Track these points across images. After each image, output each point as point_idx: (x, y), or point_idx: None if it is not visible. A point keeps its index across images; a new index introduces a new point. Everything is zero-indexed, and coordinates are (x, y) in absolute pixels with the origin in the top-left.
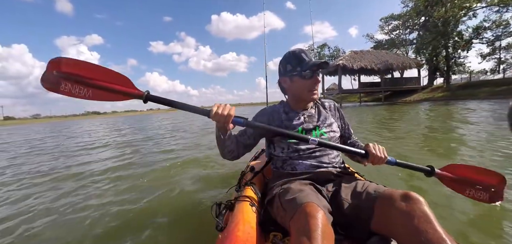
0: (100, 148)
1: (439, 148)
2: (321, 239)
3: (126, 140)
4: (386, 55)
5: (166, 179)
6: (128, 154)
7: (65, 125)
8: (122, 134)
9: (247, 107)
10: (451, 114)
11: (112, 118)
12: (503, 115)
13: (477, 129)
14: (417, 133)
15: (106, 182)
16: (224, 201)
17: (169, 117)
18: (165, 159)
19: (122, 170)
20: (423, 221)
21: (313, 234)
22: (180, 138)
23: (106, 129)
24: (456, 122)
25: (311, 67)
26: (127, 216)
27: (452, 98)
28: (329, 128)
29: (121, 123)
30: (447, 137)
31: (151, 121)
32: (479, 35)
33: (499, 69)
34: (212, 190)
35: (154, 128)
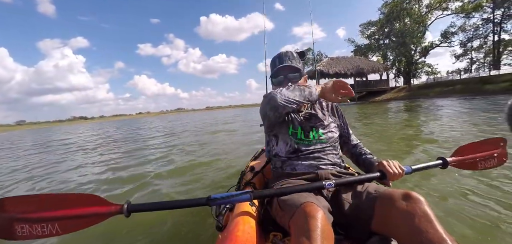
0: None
1: (391, 132)
2: (321, 239)
3: (124, 146)
4: (358, 60)
5: (166, 179)
6: (127, 155)
7: (49, 133)
8: (115, 141)
9: (238, 109)
10: (402, 109)
11: (99, 123)
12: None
13: (416, 118)
14: (377, 122)
15: (105, 183)
16: None
17: (157, 119)
18: (165, 159)
19: (121, 171)
20: (424, 220)
21: (312, 234)
22: (177, 140)
23: (96, 137)
24: (402, 113)
25: (277, 72)
26: (126, 218)
27: (411, 97)
28: (327, 129)
29: (112, 129)
30: (399, 125)
31: (142, 124)
32: (447, 39)
33: (472, 68)
34: (212, 190)
35: (148, 131)
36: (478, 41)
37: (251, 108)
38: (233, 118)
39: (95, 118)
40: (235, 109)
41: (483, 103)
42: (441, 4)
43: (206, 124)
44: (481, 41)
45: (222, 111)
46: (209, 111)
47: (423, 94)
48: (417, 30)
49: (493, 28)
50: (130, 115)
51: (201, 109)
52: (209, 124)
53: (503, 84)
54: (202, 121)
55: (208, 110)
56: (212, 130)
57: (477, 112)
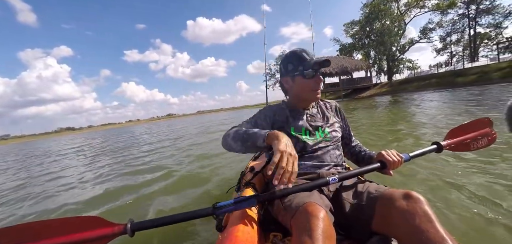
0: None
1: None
2: (323, 239)
3: (122, 154)
4: (342, 60)
5: (166, 180)
6: (126, 160)
7: (37, 146)
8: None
9: (229, 111)
10: (385, 103)
11: (88, 133)
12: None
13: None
14: (363, 115)
15: (105, 182)
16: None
17: (151, 126)
18: (165, 160)
19: (121, 173)
20: (424, 220)
21: (314, 234)
22: (174, 144)
23: (88, 148)
24: (385, 107)
25: (313, 66)
26: (126, 217)
27: (392, 92)
28: (332, 128)
29: (98, 140)
30: (382, 117)
31: (134, 132)
32: (426, 35)
33: (452, 61)
34: (212, 190)
35: (143, 138)
36: (456, 36)
37: (242, 110)
38: (227, 120)
39: (83, 129)
40: (226, 112)
41: (454, 94)
42: (418, 3)
43: (203, 128)
44: (458, 35)
45: (214, 114)
46: (200, 115)
47: (403, 89)
48: (395, 30)
49: (469, 23)
50: (120, 124)
51: (192, 114)
52: (205, 128)
53: (471, 77)
54: (197, 126)
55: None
56: (211, 131)
57: (447, 102)
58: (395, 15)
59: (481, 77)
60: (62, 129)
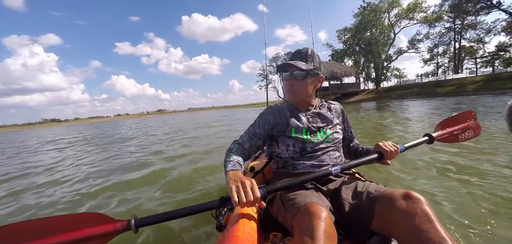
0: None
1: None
2: (324, 239)
3: (116, 146)
4: (333, 65)
5: (166, 180)
6: (124, 157)
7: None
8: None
9: (221, 110)
10: (370, 108)
11: (74, 126)
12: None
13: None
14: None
15: (104, 183)
16: None
17: (139, 121)
18: (164, 161)
19: (120, 173)
20: (424, 220)
21: (316, 234)
22: (173, 140)
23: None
24: (370, 111)
25: (279, 69)
26: (128, 217)
27: (378, 98)
28: (333, 129)
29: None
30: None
31: (122, 127)
32: (414, 46)
33: (438, 72)
34: (212, 190)
35: (138, 132)
36: (442, 47)
37: (234, 109)
38: (221, 118)
39: (70, 120)
40: (218, 110)
41: (430, 102)
42: (407, 14)
43: (199, 125)
44: (444, 47)
45: (206, 112)
46: (192, 113)
47: (387, 96)
48: (383, 40)
49: (454, 36)
50: (108, 117)
51: (183, 111)
52: (202, 125)
53: (449, 88)
54: (190, 123)
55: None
56: (210, 129)
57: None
58: (383, 26)
59: (458, 88)
60: (47, 120)
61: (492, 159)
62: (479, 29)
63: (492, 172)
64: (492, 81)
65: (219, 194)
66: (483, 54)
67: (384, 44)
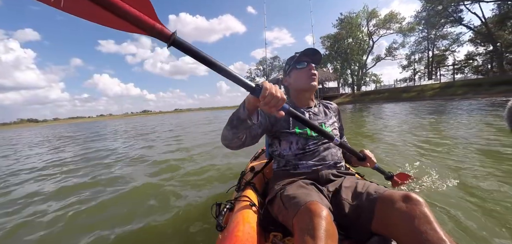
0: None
1: None
2: (325, 238)
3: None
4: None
5: (166, 180)
6: (125, 157)
7: None
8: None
9: (208, 111)
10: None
11: (53, 126)
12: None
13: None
14: None
15: (105, 184)
16: (224, 201)
17: (126, 122)
18: (164, 161)
19: (120, 171)
20: (423, 222)
21: (317, 233)
22: (175, 139)
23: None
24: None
25: (301, 57)
26: (128, 217)
27: (353, 102)
28: (332, 126)
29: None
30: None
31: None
32: (391, 53)
33: (415, 77)
34: (212, 190)
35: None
36: (418, 55)
37: (222, 110)
38: (212, 119)
39: (48, 121)
40: (205, 112)
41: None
42: (384, 25)
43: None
44: (420, 55)
45: (193, 113)
46: (178, 114)
47: (361, 100)
48: (358, 49)
49: (428, 45)
50: (90, 118)
51: (169, 112)
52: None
53: (412, 93)
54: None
55: (177, 112)
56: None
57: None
58: (359, 37)
59: (418, 94)
60: (23, 120)
61: (492, 161)
62: (449, 39)
63: (492, 173)
64: (447, 88)
65: (217, 196)
66: (454, 62)
67: (359, 53)
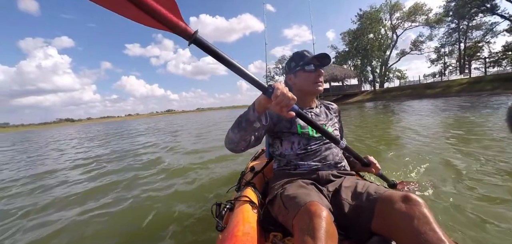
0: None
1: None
2: (325, 238)
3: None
4: (333, 68)
5: (166, 181)
6: (127, 157)
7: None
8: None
9: (228, 110)
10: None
11: (88, 125)
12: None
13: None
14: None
15: (105, 185)
16: (224, 202)
17: (150, 121)
18: (165, 161)
19: (121, 173)
20: (423, 222)
21: (317, 233)
22: (177, 140)
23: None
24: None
25: (312, 60)
26: (128, 217)
27: (374, 99)
28: (333, 127)
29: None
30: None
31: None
32: (417, 47)
33: (445, 72)
34: (212, 190)
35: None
36: (449, 48)
37: (243, 109)
38: (231, 117)
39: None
40: (225, 111)
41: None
42: (409, 17)
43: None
44: (450, 48)
45: (215, 112)
46: (200, 113)
47: (383, 97)
48: (379, 45)
49: (459, 37)
50: (119, 117)
51: (192, 111)
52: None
53: (437, 90)
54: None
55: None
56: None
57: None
58: (380, 33)
59: (444, 90)
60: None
61: (492, 160)
62: (483, 29)
63: (492, 173)
64: (476, 83)
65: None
66: (490, 54)
67: (381, 48)
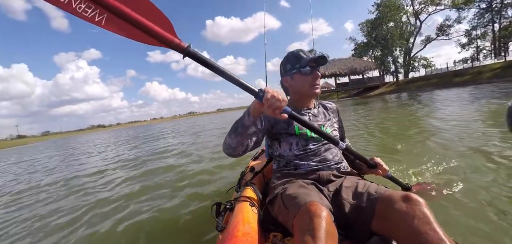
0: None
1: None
2: (325, 238)
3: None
4: (352, 61)
5: (166, 181)
6: (133, 161)
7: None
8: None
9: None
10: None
11: (118, 130)
12: None
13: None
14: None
15: (105, 187)
16: (224, 202)
17: (171, 124)
18: (165, 161)
19: (122, 174)
20: (423, 222)
21: (317, 233)
22: (182, 142)
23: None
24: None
25: (309, 62)
26: (128, 218)
27: (397, 91)
28: (332, 128)
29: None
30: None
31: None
32: (443, 32)
33: (478, 56)
34: (212, 190)
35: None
36: (481, 30)
37: None
38: None
39: (113, 126)
40: (244, 110)
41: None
42: (433, 1)
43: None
44: (482, 30)
45: (234, 112)
46: (220, 113)
47: (407, 88)
48: (400, 33)
49: (492, 17)
50: (145, 121)
51: (212, 112)
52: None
53: (466, 77)
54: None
55: (219, 112)
56: None
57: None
58: (401, 20)
59: (474, 77)
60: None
61: (494, 160)
62: None
63: (492, 174)
64: (510, 67)
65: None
66: None
67: (403, 36)
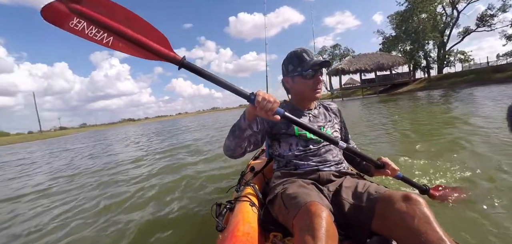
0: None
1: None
2: (325, 238)
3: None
4: (379, 56)
5: (167, 181)
6: (130, 158)
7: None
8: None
9: None
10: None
11: (148, 124)
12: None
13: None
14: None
15: (107, 186)
16: (224, 202)
17: (196, 119)
18: (166, 161)
19: (122, 174)
20: (423, 222)
21: (317, 233)
22: (186, 138)
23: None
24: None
25: (312, 67)
26: (128, 218)
27: (428, 88)
28: (333, 129)
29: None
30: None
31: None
32: (485, 23)
33: None
34: (213, 190)
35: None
36: None
37: None
38: None
39: (141, 120)
40: None
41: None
42: None
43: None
44: None
45: None
46: (242, 108)
47: (438, 85)
48: (433, 25)
49: None
50: (171, 116)
51: (235, 107)
52: None
53: (509, 73)
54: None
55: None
56: None
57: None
58: (434, 11)
59: None
60: (124, 119)
61: (496, 160)
62: None
63: (494, 174)
64: None
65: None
66: None
67: (435, 30)
